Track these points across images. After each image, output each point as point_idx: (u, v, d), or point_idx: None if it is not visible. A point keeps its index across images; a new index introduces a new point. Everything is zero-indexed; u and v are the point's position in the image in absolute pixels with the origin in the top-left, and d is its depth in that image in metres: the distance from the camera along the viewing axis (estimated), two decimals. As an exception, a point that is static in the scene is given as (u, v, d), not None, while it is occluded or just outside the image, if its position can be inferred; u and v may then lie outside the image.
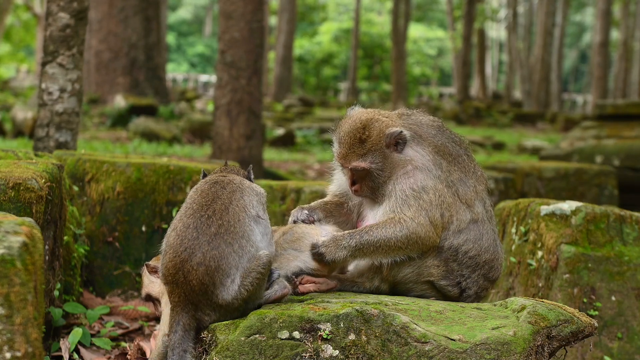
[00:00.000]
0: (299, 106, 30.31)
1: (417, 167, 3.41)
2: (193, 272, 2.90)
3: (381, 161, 3.42)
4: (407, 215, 3.32)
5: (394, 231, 3.30)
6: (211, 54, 59.50)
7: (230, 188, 3.09)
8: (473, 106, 32.57)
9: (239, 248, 2.95)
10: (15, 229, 2.36)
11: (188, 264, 2.91)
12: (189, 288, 2.91)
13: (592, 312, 4.12)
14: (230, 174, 3.25)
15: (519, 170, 9.11)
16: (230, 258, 2.93)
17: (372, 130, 3.45)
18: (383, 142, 3.42)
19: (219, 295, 2.92)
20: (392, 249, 3.32)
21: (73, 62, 5.78)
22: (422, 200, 3.33)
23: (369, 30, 47.45)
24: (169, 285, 2.97)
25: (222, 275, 2.91)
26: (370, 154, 3.43)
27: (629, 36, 39.60)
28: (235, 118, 9.65)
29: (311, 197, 5.02)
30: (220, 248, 2.92)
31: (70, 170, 4.83)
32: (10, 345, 2.20)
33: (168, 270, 2.95)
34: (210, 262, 2.90)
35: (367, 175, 3.45)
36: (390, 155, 3.43)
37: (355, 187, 3.49)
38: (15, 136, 14.40)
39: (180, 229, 2.97)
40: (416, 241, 3.32)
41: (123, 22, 20.26)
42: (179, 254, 2.93)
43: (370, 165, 3.42)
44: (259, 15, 9.73)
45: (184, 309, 2.95)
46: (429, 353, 2.83)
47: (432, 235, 3.34)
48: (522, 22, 50.11)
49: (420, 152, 3.44)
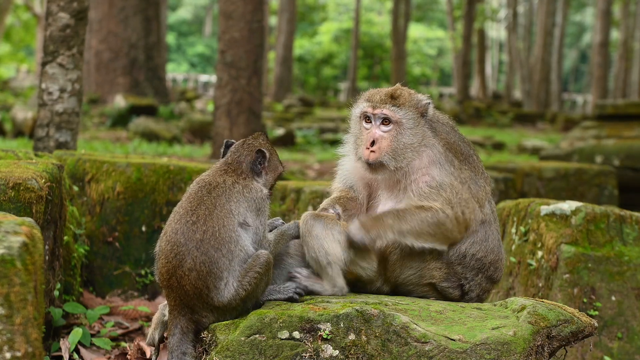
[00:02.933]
0: (299, 106, 30.30)
1: (431, 160, 3.36)
2: (185, 278, 2.91)
3: (413, 122, 3.34)
4: (435, 205, 3.26)
5: (425, 216, 3.23)
6: (211, 54, 59.50)
7: (215, 193, 3.04)
8: (473, 106, 32.57)
9: (228, 252, 2.95)
10: (15, 229, 2.36)
11: (180, 269, 2.92)
12: (183, 292, 2.93)
13: (592, 312, 4.12)
14: (227, 174, 3.14)
15: (519, 170, 9.11)
16: (220, 262, 2.92)
17: (404, 92, 3.42)
18: (416, 105, 3.36)
19: (214, 298, 2.93)
20: (423, 234, 3.23)
21: (73, 62, 5.78)
22: (442, 197, 3.29)
23: (369, 30, 47.47)
24: (164, 290, 3.00)
25: (215, 279, 2.92)
26: (404, 108, 3.35)
27: (629, 36, 39.60)
28: (235, 118, 9.65)
29: (311, 197, 5.02)
30: (209, 253, 2.92)
31: (70, 170, 4.83)
32: (10, 345, 2.20)
33: (162, 275, 2.97)
34: (201, 267, 2.90)
35: (392, 135, 3.33)
36: (421, 124, 3.36)
37: (373, 147, 3.33)
38: (15, 136, 14.40)
39: (170, 235, 2.97)
40: (443, 232, 3.26)
41: (123, 22, 20.26)
42: (170, 260, 2.94)
43: (401, 119, 3.34)
44: (259, 15, 9.73)
45: (180, 312, 2.96)
46: (429, 353, 2.83)
47: (456, 229, 3.29)
48: (522, 22, 50.11)
49: (435, 145, 3.40)
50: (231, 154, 3.22)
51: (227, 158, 3.22)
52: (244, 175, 3.16)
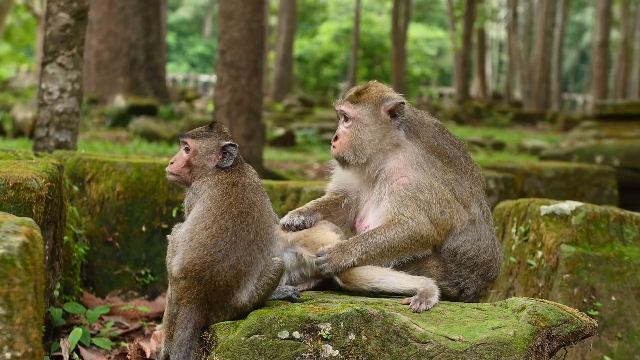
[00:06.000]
0: (299, 106, 30.30)
1: (409, 161, 3.39)
2: (222, 273, 2.93)
3: (371, 119, 3.41)
4: (406, 215, 3.31)
5: (395, 232, 3.29)
6: (211, 54, 59.48)
7: (260, 194, 3.11)
8: (473, 106, 32.57)
9: (268, 254, 3.03)
10: (15, 229, 2.36)
11: (219, 264, 2.93)
12: (212, 287, 2.94)
13: (592, 312, 4.12)
14: (247, 174, 3.17)
15: (519, 170, 9.11)
16: (259, 264, 3.00)
17: (372, 89, 3.48)
18: (379, 103, 3.42)
19: (238, 297, 2.97)
20: (397, 250, 3.31)
21: (73, 62, 5.78)
22: (418, 200, 3.32)
23: (369, 30, 47.43)
24: (188, 281, 2.97)
25: (247, 279, 2.97)
26: (362, 105, 3.43)
27: (629, 36, 39.59)
28: (235, 118, 9.65)
29: (311, 197, 5.01)
30: (254, 254, 2.98)
31: (70, 170, 4.83)
32: (10, 345, 2.20)
33: (193, 266, 2.95)
34: (242, 267, 2.95)
35: (351, 131, 3.41)
36: (384, 121, 3.41)
37: (335, 143, 3.45)
38: (15, 136, 14.40)
39: (217, 231, 2.97)
40: (419, 240, 3.31)
41: (123, 22, 20.26)
42: (211, 254, 2.95)
43: (357, 115, 3.41)
44: (259, 15, 9.73)
45: (199, 307, 2.96)
46: (429, 353, 2.83)
47: (434, 233, 3.33)
48: (522, 22, 50.10)
49: (413, 146, 3.43)
50: (231, 156, 3.23)
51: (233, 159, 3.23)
52: (249, 169, 3.24)
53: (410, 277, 3.23)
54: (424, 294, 3.12)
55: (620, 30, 39.40)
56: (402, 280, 3.21)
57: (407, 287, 3.18)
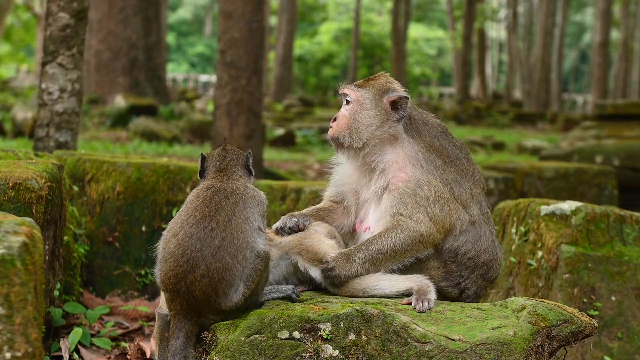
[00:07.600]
0: (299, 106, 30.29)
1: (408, 157, 3.39)
2: (196, 284, 2.86)
3: (371, 104, 3.42)
4: (404, 214, 3.29)
5: (396, 235, 3.27)
6: (211, 54, 59.48)
7: (233, 199, 3.01)
8: (473, 106, 32.56)
9: (243, 259, 2.92)
10: (15, 229, 2.36)
11: (191, 275, 2.87)
12: (191, 298, 2.89)
13: (592, 312, 4.12)
14: (232, 179, 3.14)
15: (519, 170, 9.10)
16: (234, 269, 2.90)
17: (381, 78, 3.50)
18: (384, 92, 3.43)
19: (222, 303, 2.91)
20: (399, 253, 3.29)
21: (73, 62, 5.78)
22: (417, 197, 3.31)
23: (369, 30, 47.44)
24: (169, 293, 2.94)
25: (226, 286, 2.89)
26: (365, 89, 3.45)
27: (629, 36, 39.60)
28: (235, 118, 9.65)
29: (311, 197, 5.02)
30: (224, 260, 2.88)
31: (70, 170, 4.83)
32: (10, 345, 2.20)
33: (169, 279, 2.91)
34: (214, 274, 2.86)
35: (350, 112, 3.43)
36: (384, 110, 3.42)
37: (332, 124, 3.46)
38: (15, 136, 14.40)
39: (182, 238, 2.91)
40: (419, 240, 3.30)
41: (123, 22, 20.26)
42: (180, 265, 2.88)
43: (359, 97, 3.43)
44: (259, 15, 9.73)
45: (186, 317, 2.93)
46: (429, 353, 2.83)
47: (433, 231, 3.31)
48: (522, 22, 50.10)
49: (412, 143, 3.43)
50: (219, 161, 3.20)
51: (218, 166, 3.19)
52: (244, 178, 3.18)
53: (403, 277, 3.23)
54: (420, 292, 3.12)
55: (620, 30, 39.40)
56: (395, 283, 3.21)
57: (402, 288, 3.18)
